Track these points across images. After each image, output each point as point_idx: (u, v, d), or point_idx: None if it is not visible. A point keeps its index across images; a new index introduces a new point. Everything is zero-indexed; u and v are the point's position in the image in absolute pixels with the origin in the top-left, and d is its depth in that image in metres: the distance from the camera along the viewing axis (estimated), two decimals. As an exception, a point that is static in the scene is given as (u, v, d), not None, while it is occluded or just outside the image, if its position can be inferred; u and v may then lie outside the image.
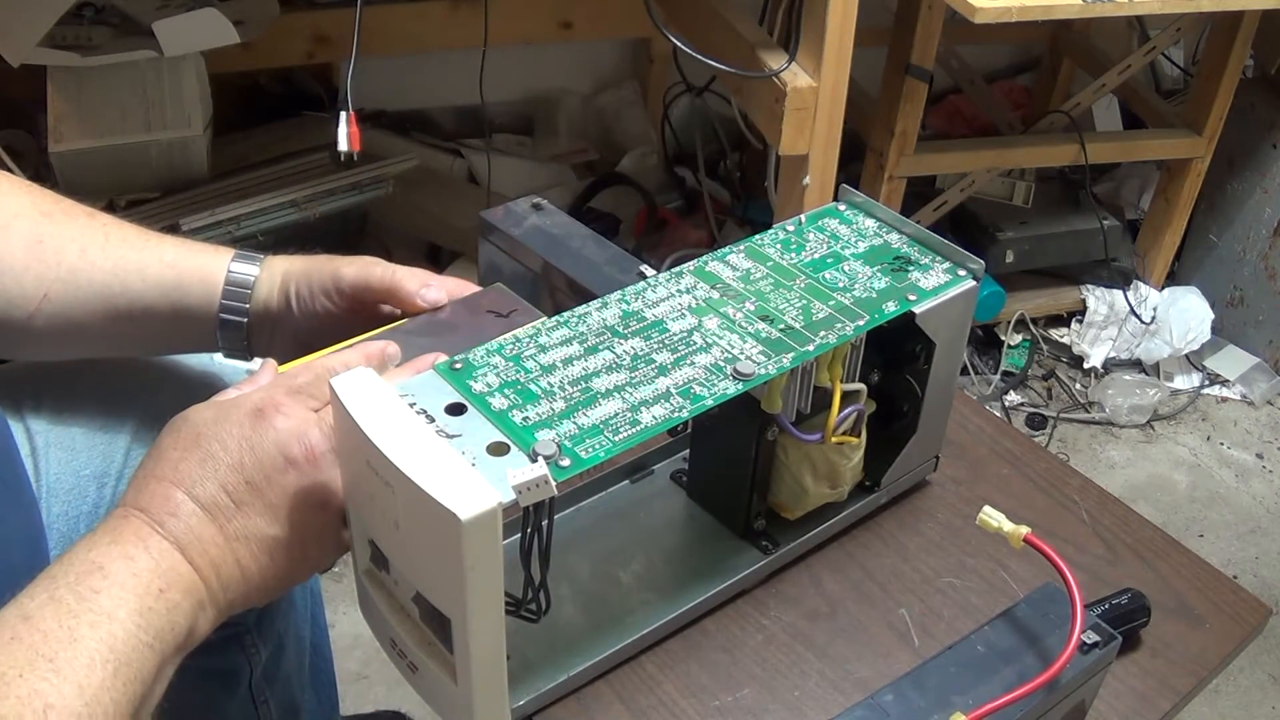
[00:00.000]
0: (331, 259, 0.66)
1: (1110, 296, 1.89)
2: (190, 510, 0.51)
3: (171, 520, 0.51)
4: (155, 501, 0.51)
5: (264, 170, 1.52)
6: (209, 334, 0.67)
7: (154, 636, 0.48)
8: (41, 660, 0.45)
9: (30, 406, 0.71)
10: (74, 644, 0.46)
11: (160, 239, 0.68)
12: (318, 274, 0.66)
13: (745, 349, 0.59)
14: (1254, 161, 1.84)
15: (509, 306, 0.65)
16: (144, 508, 0.51)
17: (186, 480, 0.51)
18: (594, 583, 0.67)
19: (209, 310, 0.67)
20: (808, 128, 1.30)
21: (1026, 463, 0.78)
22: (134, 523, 0.51)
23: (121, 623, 0.47)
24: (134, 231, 0.67)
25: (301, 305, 0.66)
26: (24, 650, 0.45)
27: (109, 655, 0.46)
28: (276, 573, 0.54)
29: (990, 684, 0.57)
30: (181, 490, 0.51)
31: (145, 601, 0.48)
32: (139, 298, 0.66)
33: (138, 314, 0.66)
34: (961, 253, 0.67)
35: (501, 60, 1.71)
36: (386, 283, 0.64)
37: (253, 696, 0.84)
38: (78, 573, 0.48)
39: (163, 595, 0.49)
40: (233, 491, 0.52)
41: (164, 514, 0.51)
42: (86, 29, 1.36)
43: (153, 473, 0.52)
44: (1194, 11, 1.49)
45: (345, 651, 1.31)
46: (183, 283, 0.66)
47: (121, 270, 0.66)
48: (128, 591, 0.48)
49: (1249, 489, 1.71)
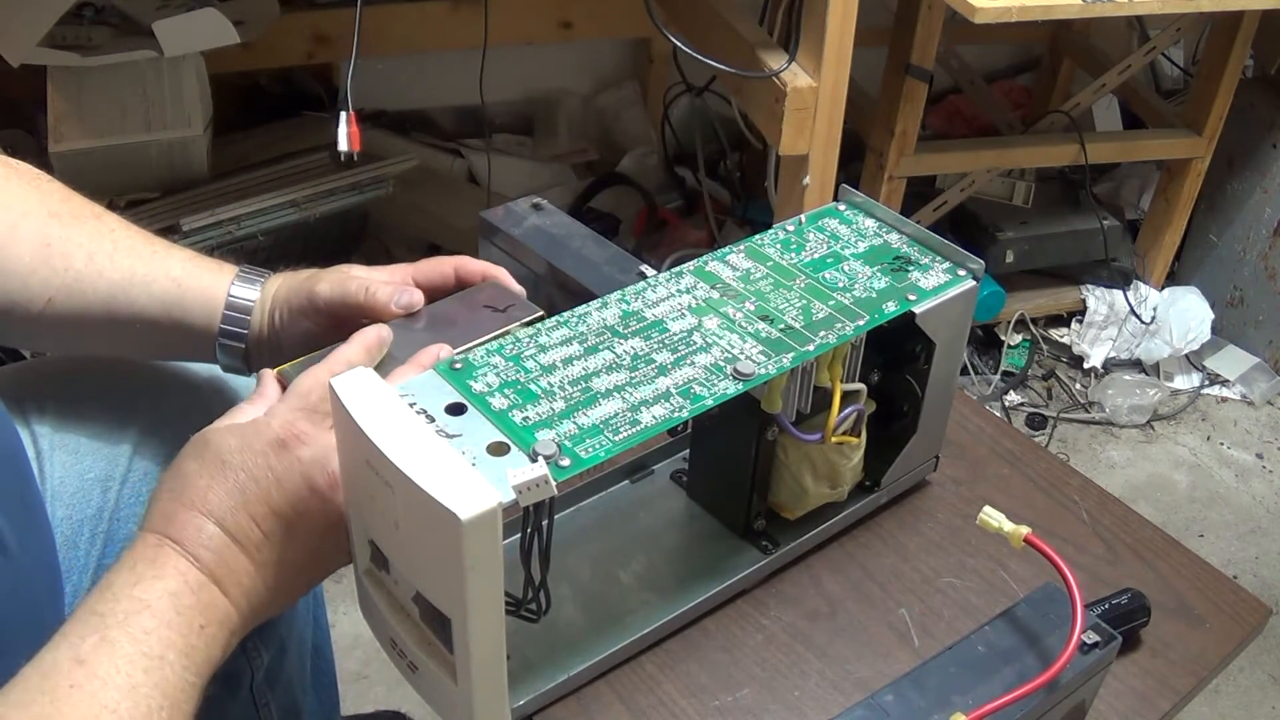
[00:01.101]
0: (311, 277, 0.66)
1: (1110, 296, 1.89)
2: (223, 543, 0.52)
3: (206, 554, 0.52)
4: (188, 533, 0.52)
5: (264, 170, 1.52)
6: (209, 350, 0.68)
7: (197, 674, 0.50)
8: (106, 713, 0.46)
9: (34, 409, 0.71)
10: (133, 692, 0.47)
11: (167, 250, 0.68)
12: (296, 297, 0.66)
13: (745, 349, 0.59)
14: (1254, 161, 1.84)
15: (506, 301, 0.65)
16: (177, 539, 0.52)
17: (217, 511, 0.52)
18: (594, 583, 0.67)
19: (209, 329, 0.67)
20: (808, 128, 1.30)
21: (1026, 463, 0.78)
22: (171, 555, 0.52)
23: (171, 665, 0.49)
24: (141, 240, 0.67)
25: (285, 330, 0.67)
26: (86, 701, 0.46)
27: (163, 701, 0.48)
28: (297, 589, 0.56)
29: (990, 684, 0.57)
30: (213, 522, 0.52)
31: (190, 640, 0.50)
32: (143, 310, 0.66)
33: (140, 325, 0.67)
34: (961, 253, 0.67)
35: (501, 60, 1.71)
36: (361, 299, 0.64)
37: (254, 699, 0.84)
38: (125, 611, 0.49)
39: (204, 631, 0.51)
40: (262, 523, 0.53)
41: (199, 546, 0.52)
42: (86, 29, 1.36)
43: (180, 499, 0.53)
44: (1194, 11, 1.49)
45: (345, 651, 1.31)
46: (185, 301, 0.66)
47: (127, 282, 0.66)
48: (174, 631, 0.50)
49: (1249, 489, 1.71)
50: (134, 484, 0.71)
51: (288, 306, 0.66)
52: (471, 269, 0.67)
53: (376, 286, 0.64)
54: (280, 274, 0.68)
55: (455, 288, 0.67)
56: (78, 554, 0.69)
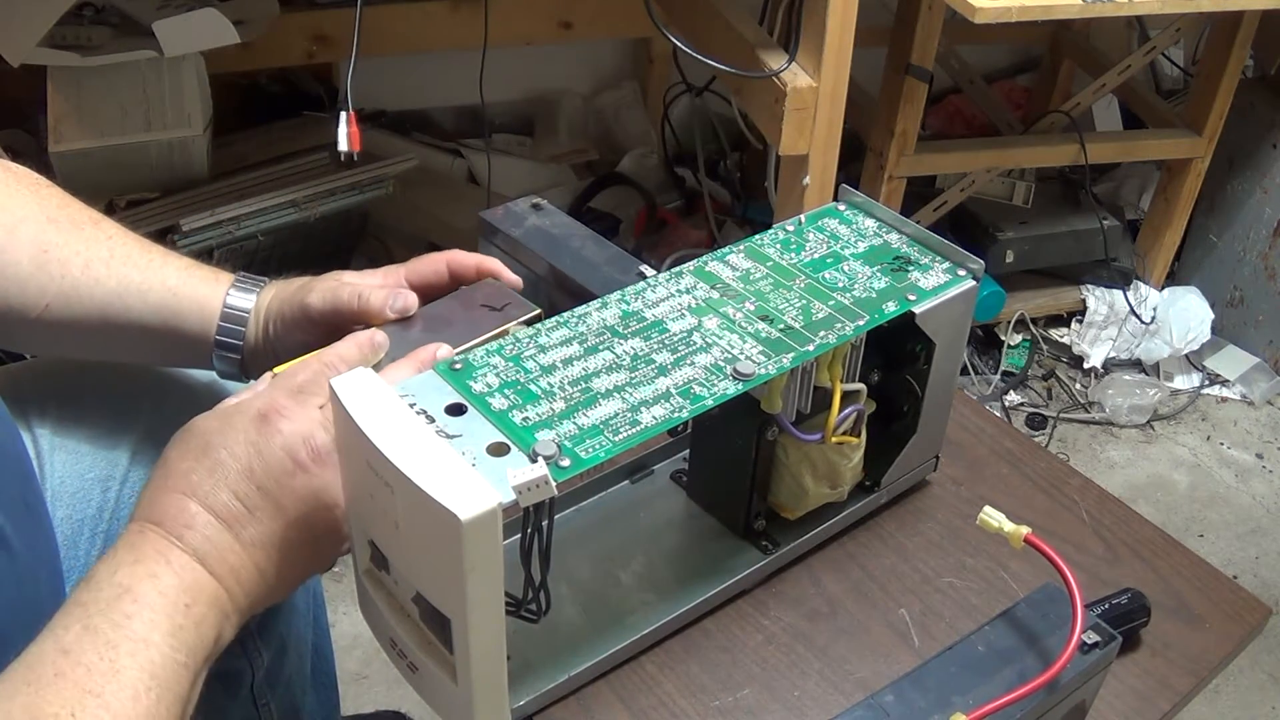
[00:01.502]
0: (302, 288, 0.66)
1: (1110, 296, 1.89)
2: (206, 520, 0.51)
3: (189, 532, 0.51)
4: (170, 514, 0.51)
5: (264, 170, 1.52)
6: (205, 358, 0.68)
7: (187, 654, 0.49)
8: (90, 697, 0.46)
9: (35, 410, 0.71)
10: (117, 675, 0.46)
11: (164, 258, 0.67)
12: (288, 309, 0.66)
13: (745, 349, 0.59)
14: (1254, 161, 1.84)
15: (503, 300, 0.65)
16: (159, 521, 0.51)
17: (199, 490, 0.52)
18: (594, 583, 0.67)
19: (205, 338, 0.67)
20: (808, 128, 1.30)
21: (1026, 463, 0.78)
22: (152, 538, 0.51)
23: (157, 646, 0.48)
24: (138, 248, 0.67)
25: (280, 341, 0.67)
26: (70, 688, 0.46)
27: (150, 683, 0.47)
28: (292, 571, 0.55)
29: (990, 684, 0.57)
30: (195, 501, 0.52)
31: (175, 620, 0.49)
32: (138, 318, 0.66)
33: (135, 332, 0.67)
34: (961, 253, 0.67)
35: (501, 60, 1.71)
36: (355, 307, 0.64)
37: (254, 699, 0.84)
38: (107, 598, 0.49)
39: (190, 610, 0.50)
40: (245, 498, 0.52)
41: (180, 526, 0.51)
42: (86, 29, 1.36)
43: (163, 485, 0.52)
44: (1194, 11, 1.49)
45: (345, 651, 1.31)
46: (181, 310, 0.66)
47: (123, 290, 0.66)
48: (158, 613, 0.49)
49: (1249, 489, 1.71)
50: (134, 484, 0.71)
51: (280, 319, 0.66)
52: (464, 262, 0.67)
53: (369, 293, 0.63)
54: (273, 284, 0.68)
55: (450, 283, 0.67)
56: (78, 553, 0.69)
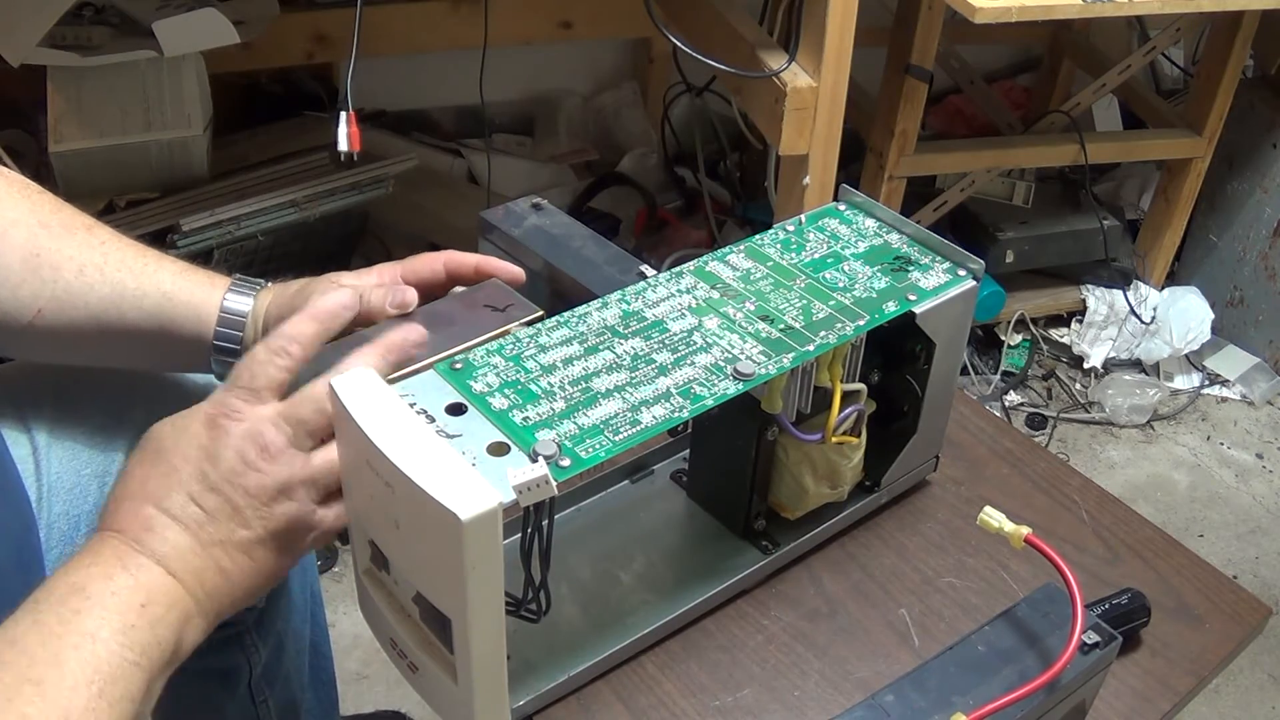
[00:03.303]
0: (300, 291, 0.65)
1: (1110, 296, 1.89)
2: (164, 523, 0.52)
3: (148, 535, 0.52)
4: (129, 520, 0.52)
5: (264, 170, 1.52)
6: (202, 362, 0.67)
7: (139, 654, 0.49)
8: (28, 685, 0.46)
9: (32, 406, 0.71)
10: (58, 666, 0.47)
11: (159, 262, 0.67)
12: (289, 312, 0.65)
13: (745, 349, 0.59)
14: (1254, 161, 1.84)
15: (505, 301, 0.65)
16: (120, 528, 0.52)
17: (155, 495, 0.52)
18: (594, 583, 0.67)
19: (201, 343, 0.67)
20: (808, 128, 1.30)
21: (1026, 463, 0.78)
22: (112, 543, 0.52)
23: (105, 643, 0.48)
24: (133, 253, 0.66)
25: None
26: (9, 675, 0.46)
27: (94, 676, 0.47)
28: (259, 570, 0.55)
29: (991, 684, 0.57)
30: (151, 505, 0.52)
31: (127, 619, 0.49)
32: (133, 324, 0.66)
33: (130, 338, 0.66)
34: (961, 253, 0.67)
35: (501, 60, 1.71)
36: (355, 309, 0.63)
37: (252, 696, 0.84)
38: (59, 595, 0.49)
39: (145, 610, 0.50)
40: (200, 500, 0.53)
41: (140, 531, 0.52)
42: (86, 29, 1.36)
43: (123, 493, 0.53)
44: (1194, 11, 1.49)
45: (345, 651, 1.31)
46: (176, 315, 0.66)
47: (118, 296, 0.65)
48: (109, 611, 0.49)
49: (1249, 489, 1.71)
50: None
51: (280, 322, 0.66)
52: (462, 261, 0.67)
53: (368, 292, 0.63)
54: (271, 287, 0.67)
55: (447, 282, 0.67)
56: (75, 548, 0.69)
